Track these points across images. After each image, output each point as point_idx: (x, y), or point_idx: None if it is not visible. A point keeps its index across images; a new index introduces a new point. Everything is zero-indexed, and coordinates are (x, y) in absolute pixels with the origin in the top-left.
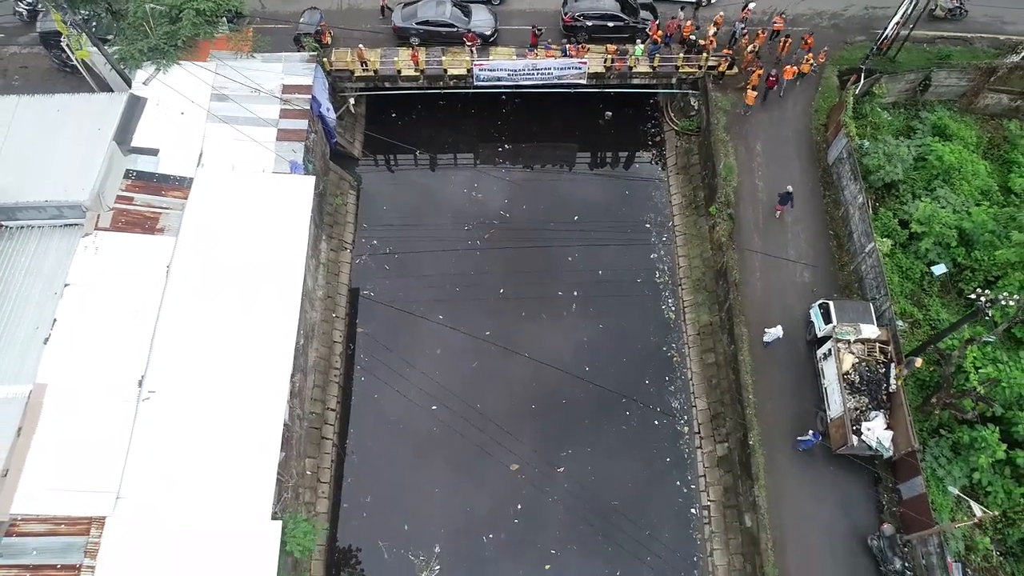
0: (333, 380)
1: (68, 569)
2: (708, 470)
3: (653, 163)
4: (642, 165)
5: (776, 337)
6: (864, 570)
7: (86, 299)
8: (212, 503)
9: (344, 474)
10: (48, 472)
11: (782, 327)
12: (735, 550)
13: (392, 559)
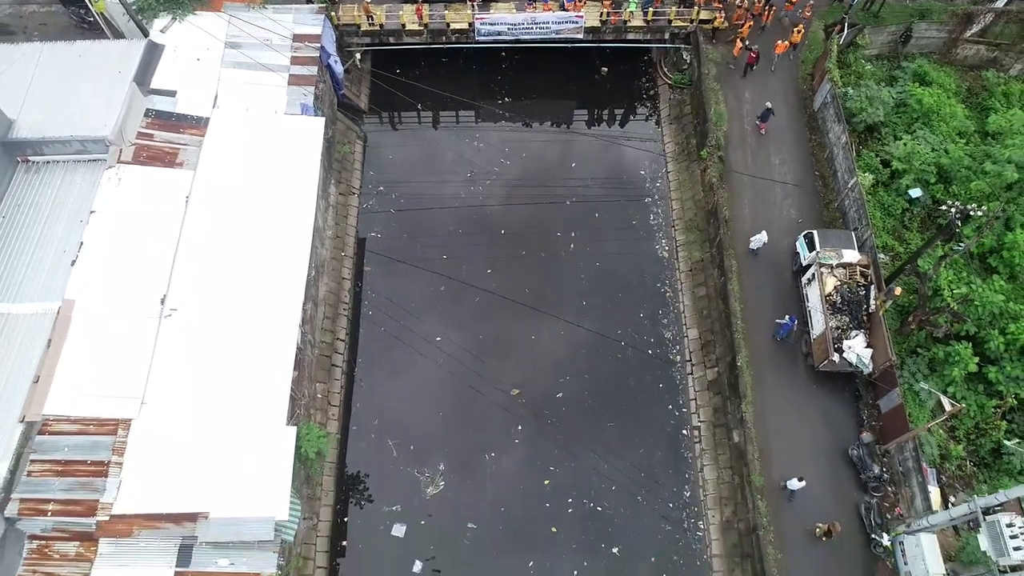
0: (342, 313)
1: (97, 464)
2: (699, 393)
3: (647, 115)
4: (636, 117)
5: (762, 243)
6: (845, 478)
7: (110, 225)
8: (231, 410)
9: (352, 399)
10: (77, 379)
11: (767, 232)
12: (724, 464)
13: (400, 456)
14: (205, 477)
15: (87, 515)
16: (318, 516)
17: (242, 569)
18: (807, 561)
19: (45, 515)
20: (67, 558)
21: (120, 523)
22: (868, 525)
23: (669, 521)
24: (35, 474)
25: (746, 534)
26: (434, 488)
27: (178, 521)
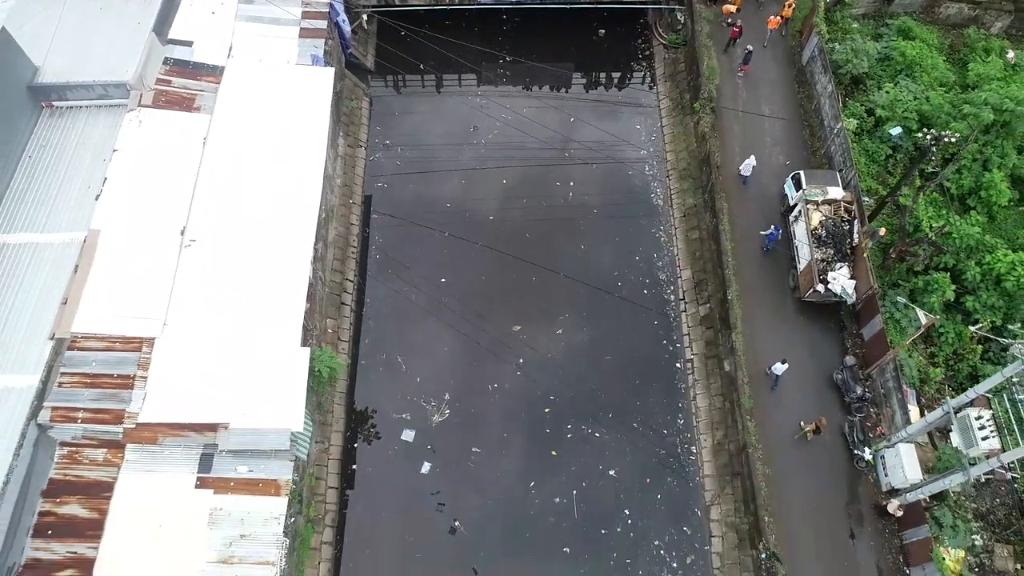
0: (351, 256)
1: (123, 378)
2: (691, 328)
3: (643, 74)
4: (633, 76)
5: (752, 167)
6: (830, 402)
7: (133, 162)
8: (248, 333)
9: (361, 336)
10: (103, 301)
11: (755, 157)
12: (715, 392)
13: (408, 371)
14: (225, 392)
15: (114, 423)
16: (329, 440)
17: (260, 476)
18: (793, 477)
19: (75, 422)
20: (96, 463)
21: (146, 431)
22: (851, 442)
23: (663, 446)
24: (65, 385)
25: (736, 454)
26: (439, 416)
27: (200, 430)
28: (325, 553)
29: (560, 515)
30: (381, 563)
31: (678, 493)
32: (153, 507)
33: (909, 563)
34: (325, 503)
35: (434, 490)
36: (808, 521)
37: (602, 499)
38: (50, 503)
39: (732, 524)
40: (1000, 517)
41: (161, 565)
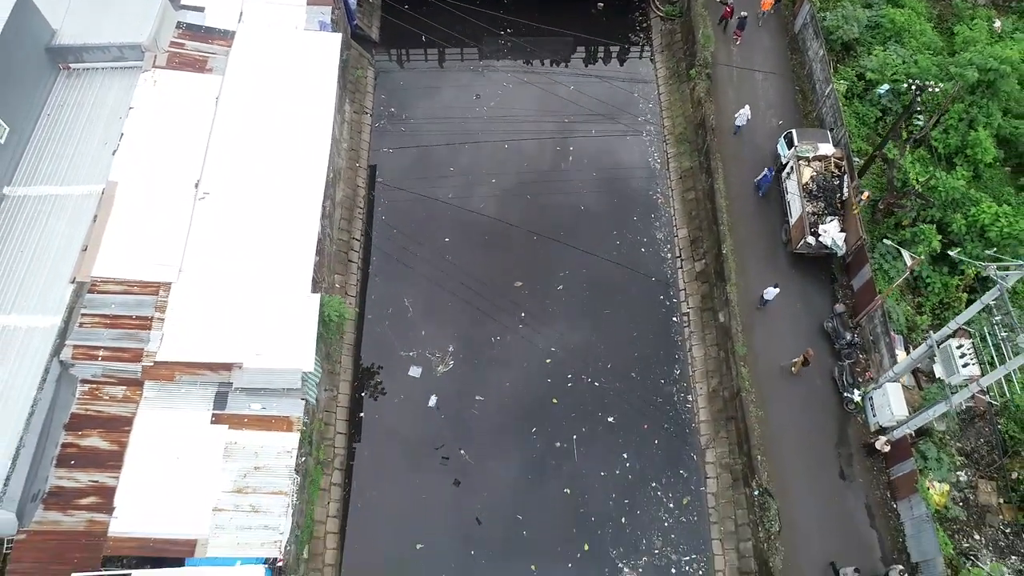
0: (357, 216)
1: (141, 319)
2: (688, 284)
3: (640, 45)
4: (631, 47)
5: (746, 118)
6: (821, 349)
7: (148, 119)
8: (260, 279)
9: (368, 291)
10: (121, 249)
11: (749, 108)
12: (710, 342)
13: (414, 322)
14: (238, 334)
15: (133, 361)
16: (338, 389)
17: (272, 413)
18: (785, 420)
19: (96, 360)
20: (115, 399)
21: (163, 369)
22: (841, 386)
23: (660, 394)
24: (86, 325)
25: (730, 400)
26: (444, 367)
27: (215, 369)
28: (334, 494)
29: (561, 459)
30: (388, 504)
31: (675, 438)
32: (170, 441)
33: (896, 497)
34: (334, 447)
35: (439, 443)
36: (799, 460)
37: (601, 444)
38: (72, 435)
39: (727, 465)
40: (983, 455)
41: (179, 494)
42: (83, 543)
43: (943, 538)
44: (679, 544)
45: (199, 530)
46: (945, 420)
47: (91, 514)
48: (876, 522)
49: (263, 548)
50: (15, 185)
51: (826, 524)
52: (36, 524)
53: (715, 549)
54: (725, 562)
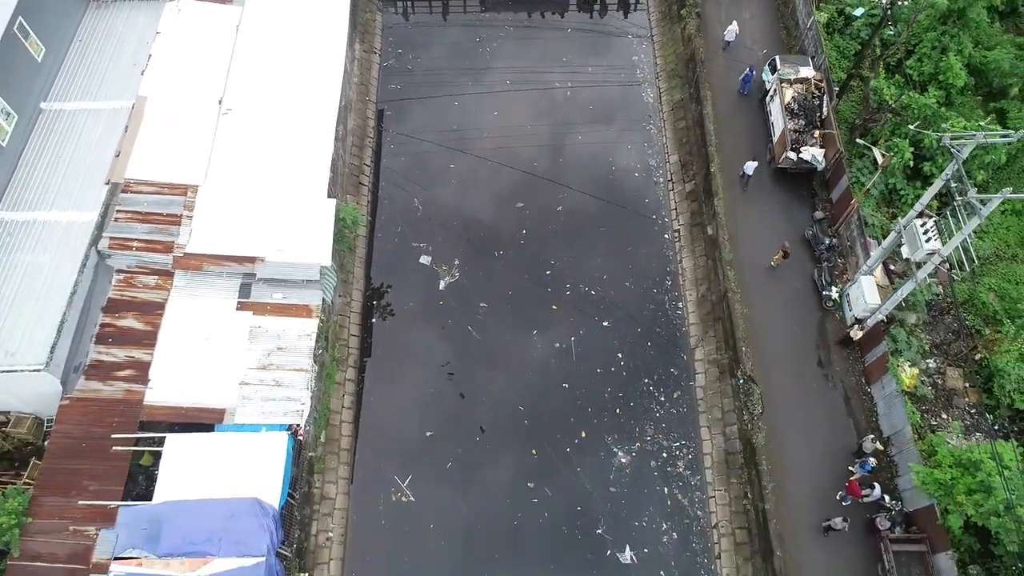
0: (368, 145)
1: (171, 216)
2: (679, 203)
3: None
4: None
5: (735, 34)
6: (802, 257)
7: (174, 43)
8: (280, 186)
9: (378, 211)
10: (151, 155)
11: (736, 22)
12: (699, 253)
13: (422, 232)
14: (261, 231)
15: (164, 252)
16: (351, 296)
17: (293, 301)
18: (769, 317)
19: (130, 250)
20: (148, 287)
21: (192, 260)
22: (820, 285)
23: (653, 302)
24: (120, 220)
25: (717, 302)
26: (450, 278)
27: (239, 262)
28: (348, 388)
29: (560, 358)
30: (399, 398)
31: (665, 340)
32: (200, 324)
33: (870, 382)
34: (348, 347)
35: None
36: (781, 353)
37: (597, 345)
38: (110, 317)
39: (714, 361)
40: (951, 344)
41: (208, 369)
42: (121, 410)
43: (910, 409)
44: (670, 432)
45: (227, 401)
46: (916, 312)
47: (128, 384)
48: (851, 404)
49: (286, 417)
50: (51, 100)
51: (805, 407)
52: (78, 392)
53: (703, 435)
54: (712, 445)
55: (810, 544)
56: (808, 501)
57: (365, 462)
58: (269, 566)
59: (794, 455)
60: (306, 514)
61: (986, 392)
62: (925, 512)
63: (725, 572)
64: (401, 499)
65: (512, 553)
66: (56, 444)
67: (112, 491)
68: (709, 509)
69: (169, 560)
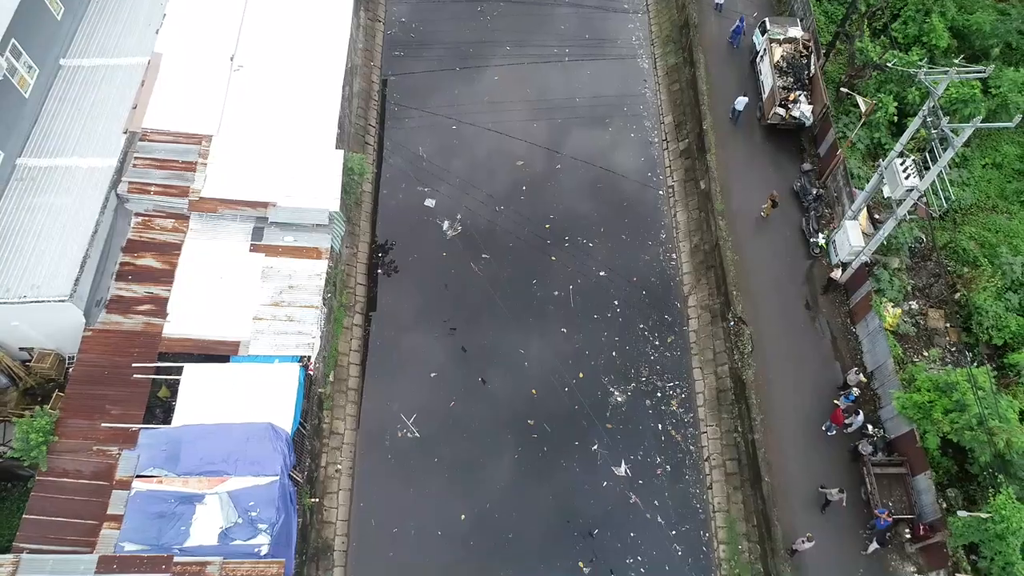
0: (372, 107)
1: (187, 164)
2: (672, 161)
3: None
4: None
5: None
6: (791, 208)
7: (188, 2)
8: (290, 137)
9: (382, 170)
10: (167, 107)
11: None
12: (693, 207)
13: (426, 186)
14: (272, 179)
15: (180, 196)
16: (357, 248)
17: (303, 244)
18: (758, 263)
19: (148, 194)
20: (166, 229)
21: (207, 203)
22: (807, 233)
23: (648, 252)
24: (139, 166)
25: (710, 251)
26: (453, 230)
27: (252, 206)
28: (355, 333)
29: (558, 305)
30: (403, 343)
31: (660, 288)
32: (214, 264)
33: (855, 321)
34: (355, 295)
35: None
36: (770, 297)
37: (595, 293)
38: (129, 256)
39: (707, 306)
40: (931, 287)
41: (223, 305)
42: (141, 341)
43: (893, 343)
44: (664, 373)
45: (241, 334)
46: (898, 257)
47: (147, 318)
48: (837, 344)
49: (297, 349)
50: (70, 57)
51: (793, 347)
52: (100, 324)
53: (695, 376)
54: (705, 384)
55: (796, 472)
56: (795, 432)
57: (372, 401)
58: (282, 485)
59: (782, 391)
60: (316, 447)
61: (966, 331)
62: (905, 438)
63: (717, 501)
64: (407, 435)
65: (513, 483)
66: (80, 371)
67: (133, 415)
68: (701, 444)
69: (188, 478)
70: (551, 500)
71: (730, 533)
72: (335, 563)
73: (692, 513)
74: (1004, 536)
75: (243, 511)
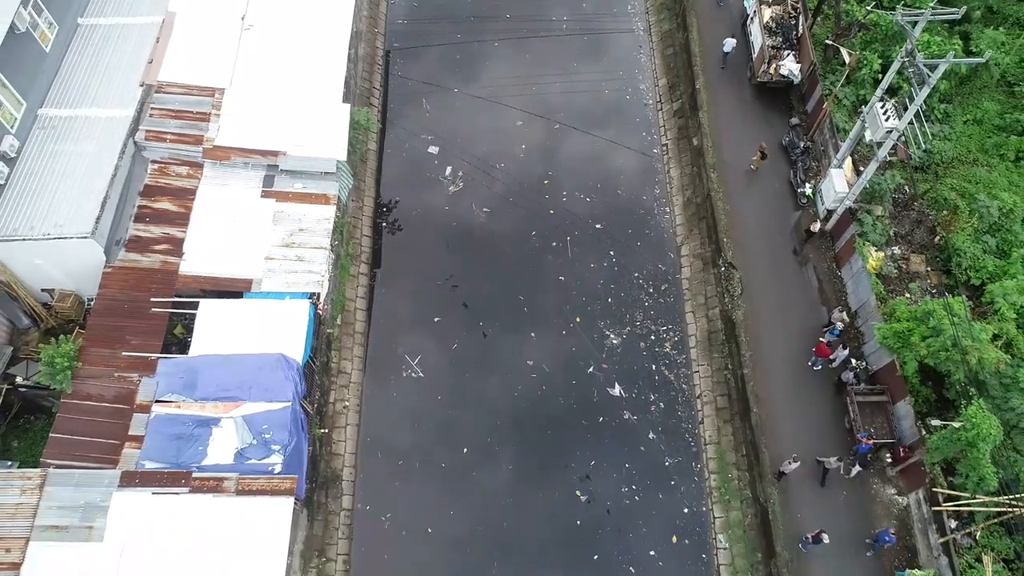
0: (377, 71)
1: (201, 114)
2: (666, 120)
3: None
4: None
5: None
6: (779, 162)
7: None
8: (298, 92)
9: (386, 128)
10: (181, 62)
11: None
12: (686, 163)
13: (428, 148)
14: (283, 129)
15: (195, 144)
16: (363, 202)
17: (312, 190)
18: (748, 212)
19: (164, 142)
20: (181, 175)
21: (220, 151)
22: (795, 184)
23: (642, 207)
24: (155, 116)
25: (702, 203)
26: (455, 187)
27: (263, 155)
28: (361, 280)
29: (556, 255)
30: (408, 289)
31: (654, 240)
32: (228, 209)
33: (840, 266)
34: (361, 245)
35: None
36: (759, 244)
37: (591, 245)
38: (146, 200)
39: (699, 255)
40: (912, 232)
41: (236, 246)
42: (158, 277)
43: (875, 281)
44: (657, 318)
45: (254, 272)
46: (881, 204)
47: (164, 256)
48: (823, 287)
49: (307, 286)
50: (88, 17)
51: (781, 291)
52: (120, 261)
53: (688, 320)
54: (696, 327)
55: (784, 403)
56: (782, 368)
57: (378, 343)
58: (294, 411)
59: (770, 330)
60: (325, 383)
61: (946, 273)
62: (886, 369)
63: (708, 434)
64: (411, 375)
65: (514, 418)
66: (101, 304)
67: (152, 345)
68: (693, 383)
69: (204, 403)
70: (549, 434)
71: (720, 463)
72: (343, 491)
73: (685, 446)
74: (975, 443)
75: (257, 433)
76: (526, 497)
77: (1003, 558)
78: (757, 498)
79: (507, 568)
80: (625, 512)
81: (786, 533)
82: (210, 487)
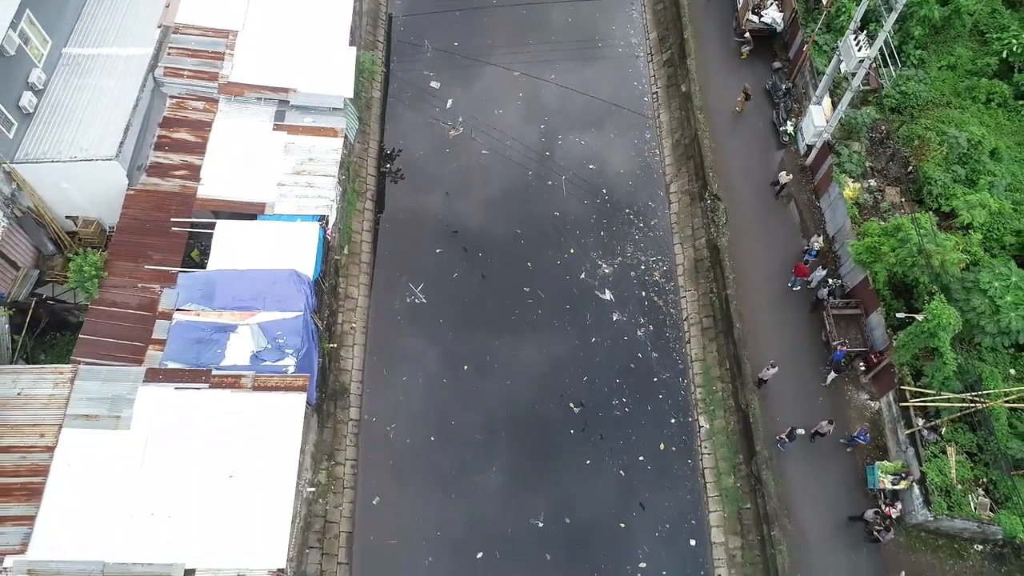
0: (380, 25)
1: (216, 53)
2: (656, 70)
3: None
4: None
5: None
6: (763, 105)
7: None
8: (308, 36)
9: (390, 79)
10: (196, 4)
11: None
12: (675, 108)
13: (429, 96)
14: (293, 68)
15: (211, 80)
16: (368, 144)
17: (321, 124)
18: (732, 150)
19: (182, 77)
20: (197, 110)
21: (234, 87)
22: (778, 122)
23: (633, 149)
24: (172, 55)
25: (689, 144)
26: (455, 132)
27: (275, 91)
28: (367, 216)
29: (552, 194)
30: (412, 224)
31: (643, 180)
32: (241, 141)
33: (819, 196)
34: (366, 183)
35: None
36: (743, 180)
37: (585, 183)
38: (165, 130)
39: (686, 191)
40: (888, 164)
41: (250, 172)
42: (178, 200)
43: (851, 207)
44: (647, 250)
45: (267, 196)
46: (857, 141)
47: (183, 181)
48: (803, 216)
49: (317, 209)
50: None
51: (763, 221)
52: (141, 185)
53: (676, 251)
54: (684, 257)
55: (764, 322)
56: (763, 289)
57: (382, 272)
58: (306, 321)
59: (752, 257)
60: (333, 305)
61: (919, 203)
62: (860, 285)
63: (694, 352)
64: (414, 301)
65: (511, 338)
66: (124, 223)
67: (172, 260)
68: (681, 307)
69: (222, 312)
70: (544, 352)
71: (705, 378)
72: (351, 404)
73: (672, 364)
74: (936, 332)
75: (272, 338)
76: (522, 408)
77: (967, 451)
78: (739, 405)
79: (503, 471)
80: (615, 423)
81: (765, 435)
82: (228, 383)
